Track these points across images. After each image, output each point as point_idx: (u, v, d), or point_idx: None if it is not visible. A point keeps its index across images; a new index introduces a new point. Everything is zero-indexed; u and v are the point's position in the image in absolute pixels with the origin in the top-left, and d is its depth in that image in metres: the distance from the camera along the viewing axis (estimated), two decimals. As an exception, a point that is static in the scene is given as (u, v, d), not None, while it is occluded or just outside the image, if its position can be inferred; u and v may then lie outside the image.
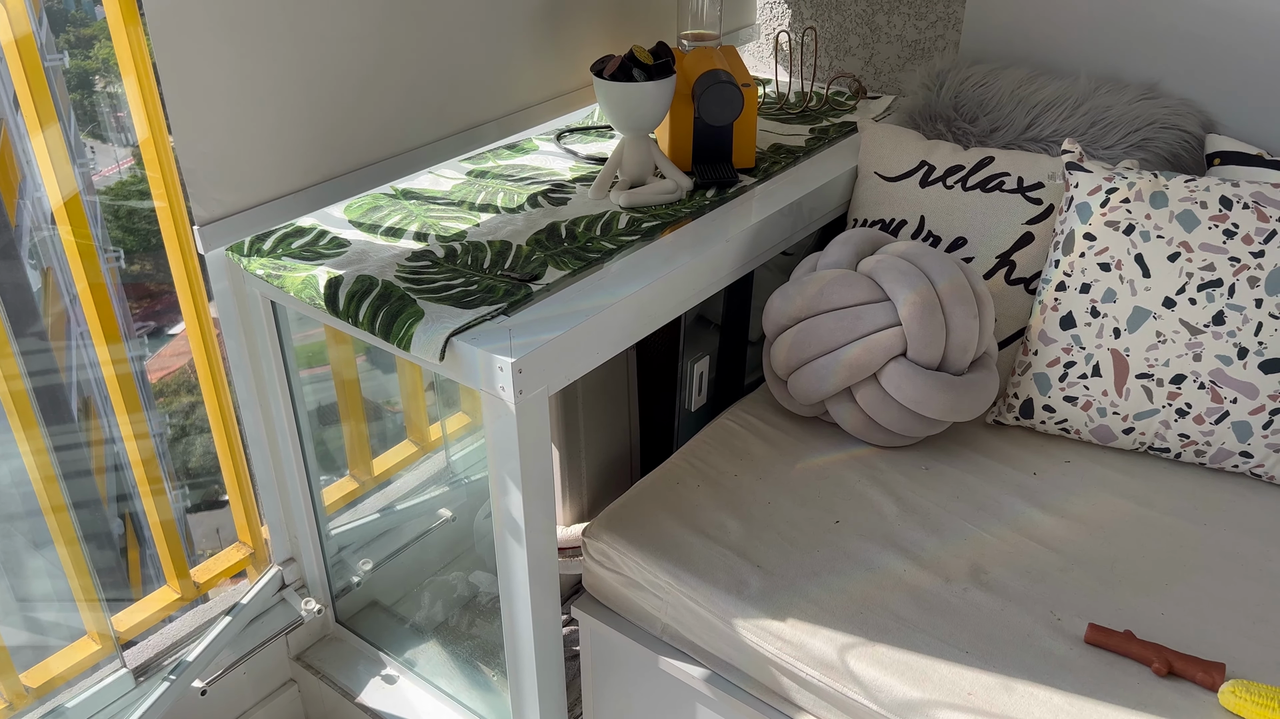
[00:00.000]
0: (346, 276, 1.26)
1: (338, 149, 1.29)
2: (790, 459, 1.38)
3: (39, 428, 1.34)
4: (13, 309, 3.77)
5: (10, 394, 1.29)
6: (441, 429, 1.89)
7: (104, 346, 1.39)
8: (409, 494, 1.84)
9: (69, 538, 1.40)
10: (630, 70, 1.42)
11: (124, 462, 5.75)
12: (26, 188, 6.81)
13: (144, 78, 1.27)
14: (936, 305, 1.30)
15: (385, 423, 1.89)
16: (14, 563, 2.76)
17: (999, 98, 1.62)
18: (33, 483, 1.40)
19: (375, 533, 1.75)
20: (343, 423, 1.74)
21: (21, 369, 1.31)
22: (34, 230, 7.03)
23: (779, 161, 1.61)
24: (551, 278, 1.27)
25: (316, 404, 1.61)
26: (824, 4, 1.92)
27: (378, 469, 1.82)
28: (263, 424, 1.48)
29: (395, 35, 1.30)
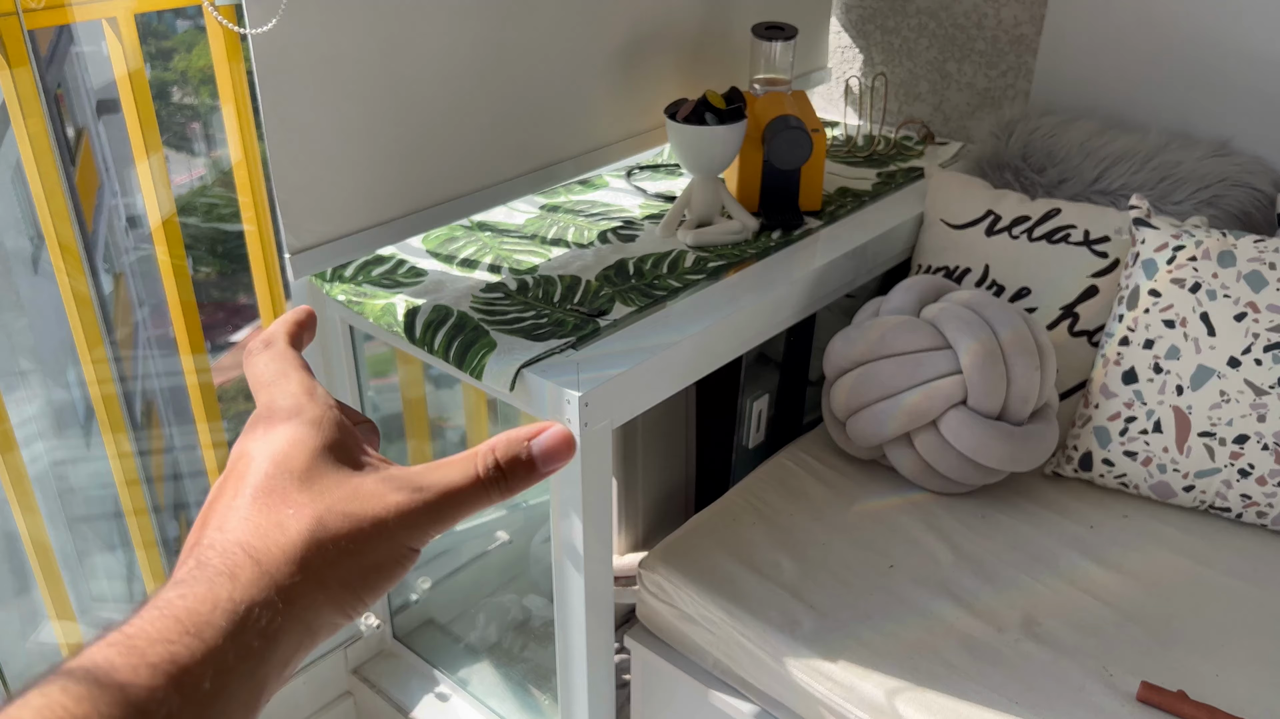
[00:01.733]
0: (424, 306, 1.31)
1: (421, 184, 1.34)
2: (846, 501, 1.40)
3: (126, 432, 1.41)
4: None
5: (102, 398, 1.36)
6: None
7: (189, 356, 1.46)
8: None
9: (148, 541, 1.46)
10: (703, 114, 1.46)
11: (182, 470, 5.89)
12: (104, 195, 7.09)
13: (242, 107, 1.34)
14: (998, 355, 1.32)
15: (446, 442, 1.94)
16: (86, 562, 2.87)
17: (1068, 149, 1.63)
18: (116, 486, 1.46)
19: (434, 552, 1.80)
20: (407, 440, 1.79)
21: (114, 373, 1.39)
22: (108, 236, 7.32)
23: (845, 205, 1.64)
24: (619, 313, 1.31)
25: (380, 418, 1.66)
26: (896, 50, 1.95)
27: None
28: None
29: (481, 75, 1.36)
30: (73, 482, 2.80)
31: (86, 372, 1.36)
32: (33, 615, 2.06)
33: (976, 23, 1.83)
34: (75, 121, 5.69)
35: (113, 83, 4.73)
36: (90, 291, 1.35)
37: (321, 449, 0.37)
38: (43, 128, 1.20)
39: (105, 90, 5.35)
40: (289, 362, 0.42)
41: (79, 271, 1.31)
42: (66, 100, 5.52)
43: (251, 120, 1.34)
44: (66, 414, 3.67)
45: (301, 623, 0.35)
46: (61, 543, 1.99)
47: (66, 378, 3.80)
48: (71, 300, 1.32)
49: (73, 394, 3.74)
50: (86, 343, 1.34)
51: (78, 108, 5.57)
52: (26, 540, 1.38)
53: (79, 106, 5.56)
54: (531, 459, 0.39)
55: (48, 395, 2.87)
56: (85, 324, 1.32)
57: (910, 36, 1.92)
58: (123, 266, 5.66)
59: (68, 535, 2.70)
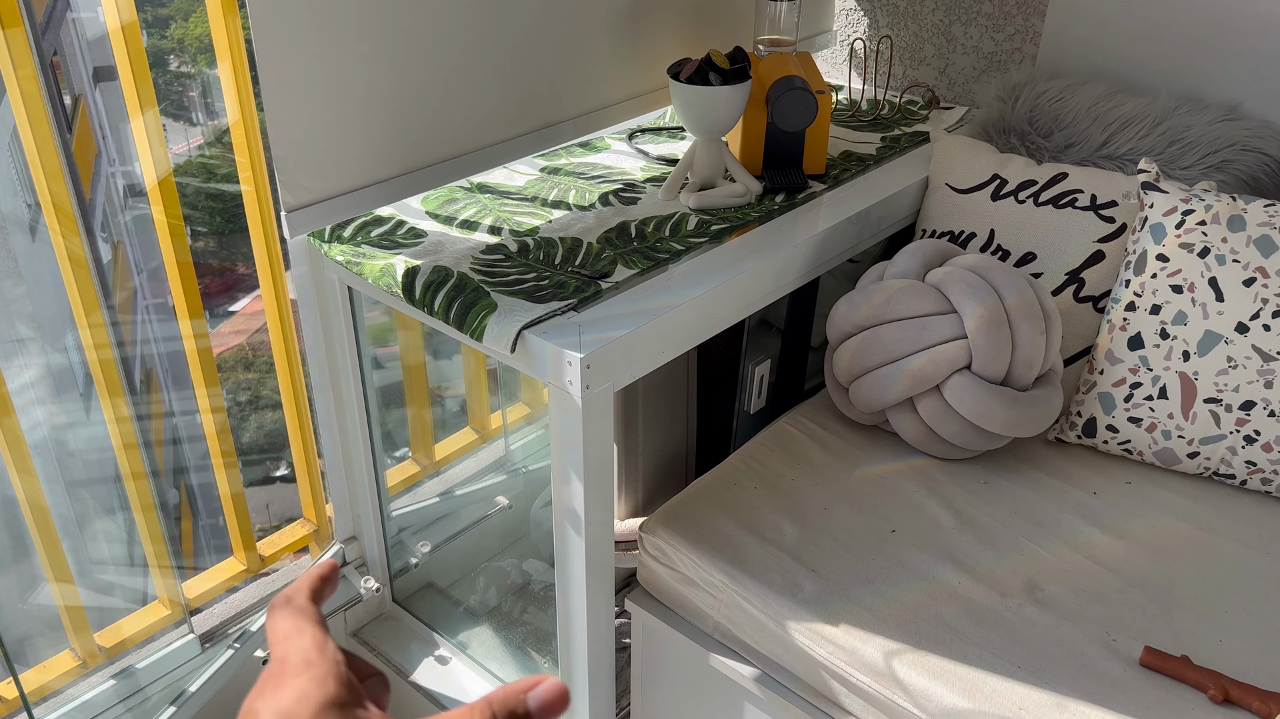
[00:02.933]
0: (423, 266, 1.29)
1: (420, 143, 1.32)
2: (848, 466, 1.39)
3: (124, 396, 1.40)
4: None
5: (99, 363, 1.35)
6: (502, 418, 1.93)
7: (186, 321, 1.44)
8: (468, 480, 1.88)
9: (145, 504, 1.46)
10: (706, 74, 1.44)
11: (181, 436, 5.88)
12: (101, 163, 7.03)
13: (239, 65, 1.32)
14: (1004, 320, 1.30)
15: (446, 408, 1.93)
16: (85, 527, 2.87)
17: (1075, 113, 1.61)
18: (115, 450, 1.45)
19: (434, 516, 1.79)
20: (407, 407, 1.78)
21: (111, 339, 1.37)
22: (105, 204, 7.25)
23: (849, 169, 1.62)
24: (620, 276, 1.29)
25: (381, 385, 1.65)
26: (901, 13, 1.92)
27: (439, 454, 1.86)
28: (333, 405, 1.53)
29: (480, 33, 1.33)
30: (71, 446, 2.80)
31: (84, 336, 1.34)
32: (31, 579, 2.05)
33: (984, -16, 1.80)
34: (72, 88, 5.66)
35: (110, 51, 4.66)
36: (87, 255, 1.33)
37: (324, 705, 0.39)
38: (36, 89, 1.18)
39: (103, 58, 5.31)
40: (306, 617, 0.44)
41: (74, 234, 1.29)
42: (63, 67, 5.47)
43: (249, 80, 1.31)
44: (65, 379, 3.66)
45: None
46: (60, 507, 1.97)
47: (65, 343, 3.78)
48: (68, 264, 1.30)
49: (71, 359, 3.73)
50: (83, 307, 1.33)
51: (74, 74, 5.52)
52: (24, 504, 1.37)
53: (75, 73, 5.51)
54: (528, 714, 0.39)
55: (46, 361, 2.86)
56: (82, 288, 1.30)
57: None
58: (121, 234, 5.63)
59: (66, 499, 2.71)
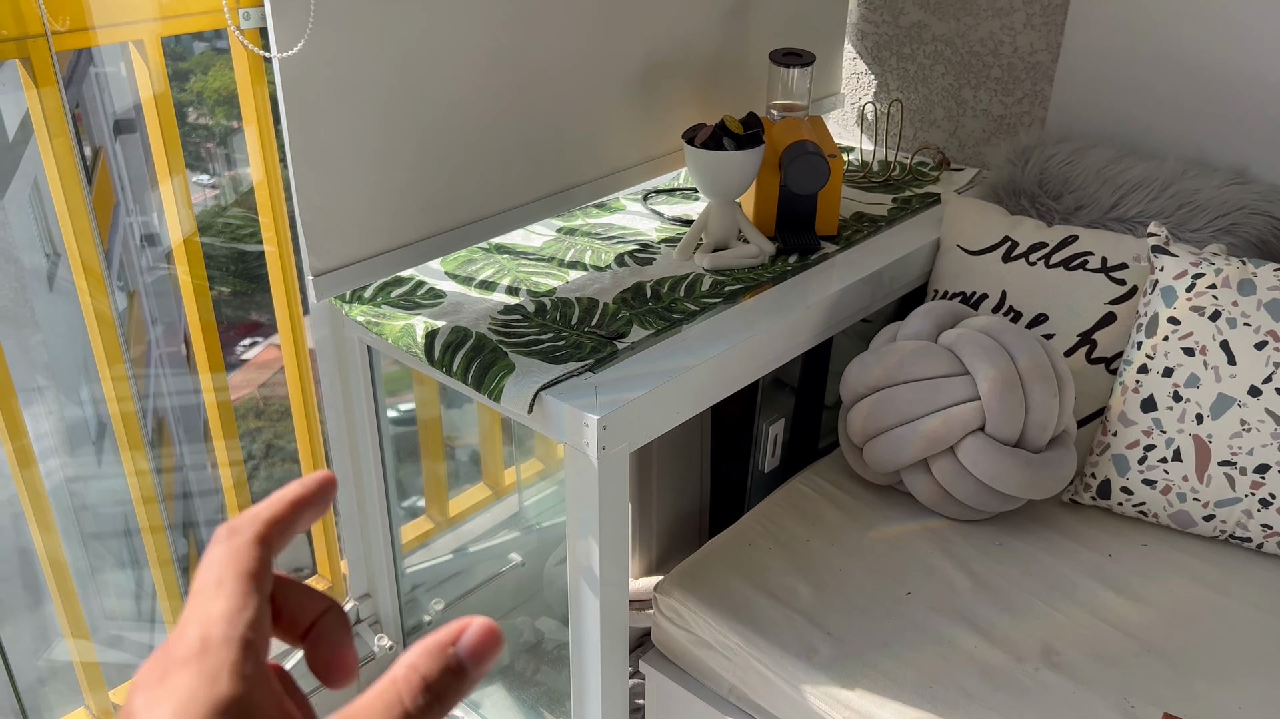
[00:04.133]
0: (443, 327, 1.31)
1: (441, 207, 1.35)
2: (863, 527, 1.39)
3: (144, 449, 1.41)
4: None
5: (121, 415, 1.37)
6: (515, 474, 1.94)
7: (207, 375, 1.46)
8: (481, 536, 1.88)
9: (164, 559, 1.46)
10: (721, 139, 1.47)
11: (192, 490, 5.85)
12: (119, 213, 7.13)
13: (264, 129, 1.35)
14: (1016, 382, 1.31)
15: (460, 463, 1.94)
16: (99, 580, 2.88)
17: (1084, 176, 1.63)
18: (133, 503, 1.46)
19: (448, 573, 1.79)
20: (422, 462, 1.79)
21: (133, 390, 1.39)
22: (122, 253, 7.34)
23: (861, 230, 1.64)
24: (636, 336, 1.31)
25: (395, 438, 1.66)
26: (911, 77, 1.96)
27: (453, 510, 1.87)
28: (350, 463, 1.54)
29: (500, 100, 1.37)
30: (86, 499, 2.81)
31: (106, 389, 1.36)
32: (43, 630, 2.06)
33: (993, 50, 1.84)
34: (93, 140, 5.72)
35: (130, 104, 4.78)
36: (111, 310, 1.36)
37: (214, 713, 0.31)
38: (68, 147, 1.21)
39: (123, 111, 5.37)
40: (237, 567, 0.34)
41: (101, 292, 1.32)
42: (85, 120, 5.53)
43: (274, 141, 1.35)
44: (79, 431, 3.68)
45: None
46: (76, 560, 1.97)
47: (80, 395, 3.80)
48: (94, 321, 1.32)
49: (85, 412, 3.74)
50: (106, 360, 1.35)
51: (95, 127, 5.59)
52: (43, 558, 1.38)
53: (97, 126, 5.58)
54: (462, 665, 0.33)
55: (61, 412, 2.88)
56: (107, 344, 1.33)
57: (926, 63, 1.93)
58: (137, 284, 5.67)
59: (81, 552, 2.71)
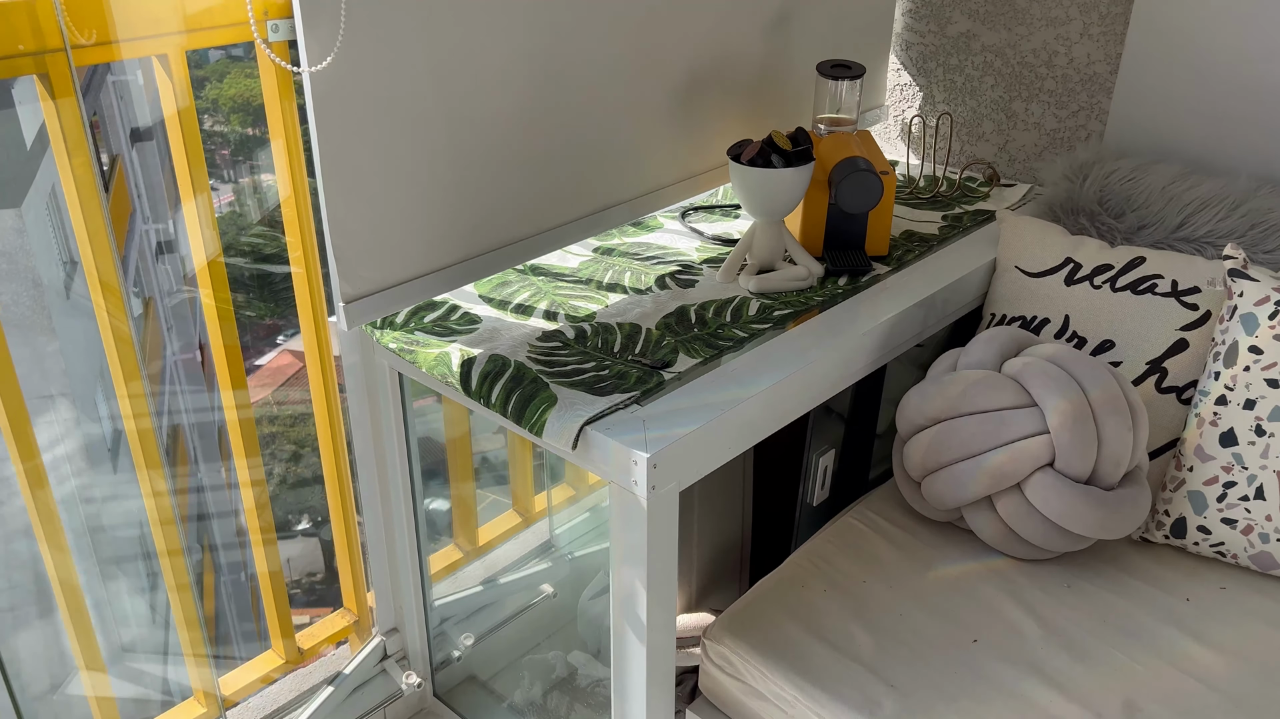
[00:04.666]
0: (479, 356, 1.24)
1: (477, 230, 1.28)
2: (921, 567, 1.32)
3: (163, 469, 1.35)
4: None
5: (138, 432, 1.30)
6: (547, 501, 1.87)
7: (229, 392, 1.39)
8: (511, 567, 1.81)
9: (181, 584, 1.39)
10: (769, 156, 1.40)
11: (209, 512, 5.71)
12: (136, 220, 7.09)
13: (293, 146, 1.29)
14: (1088, 415, 1.23)
15: (489, 490, 1.87)
16: (116, 608, 2.81)
17: (1148, 194, 1.55)
18: (150, 525, 1.39)
19: (476, 606, 1.72)
20: (451, 489, 1.72)
21: (151, 408, 1.32)
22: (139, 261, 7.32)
23: (912, 249, 1.56)
24: (683, 365, 1.24)
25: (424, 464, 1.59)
26: (959, 89, 1.88)
27: (481, 539, 1.80)
28: (378, 491, 1.47)
29: (537, 118, 1.30)
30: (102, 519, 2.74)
31: (123, 406, 1.30)
32: (61, 659, 1.99)
33: (1046, 61, 1.76)
34: (110, 149, 5.72)
35: (149, 112, 4.74)
36: (130, 328, 1.29)
37: None
38: (87, 164, 1.15)
39: (140, 120, 5.34)
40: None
41: (120, 310, 1.25)
42: (102, 128, 5.52)
43: (302, 158, 1.28)
44: (95, 444, 3.61)
45: None
46: (93, 588, 1.90)
47: (96, 406, 3.74)
48: (110, 338, 1.26)
49: (103, 427, 3.68)
50: (124, 378, 1.28)
51: (113, 136, 5.58)
52: (56, 586, 1.32)
53: (114, 135, 5.57)
54: None
55: (77, 422, 2.79)
56: (123, 359, 1.26)
57: (974, 75, 1.86)
58: (153, 291, 5.62)
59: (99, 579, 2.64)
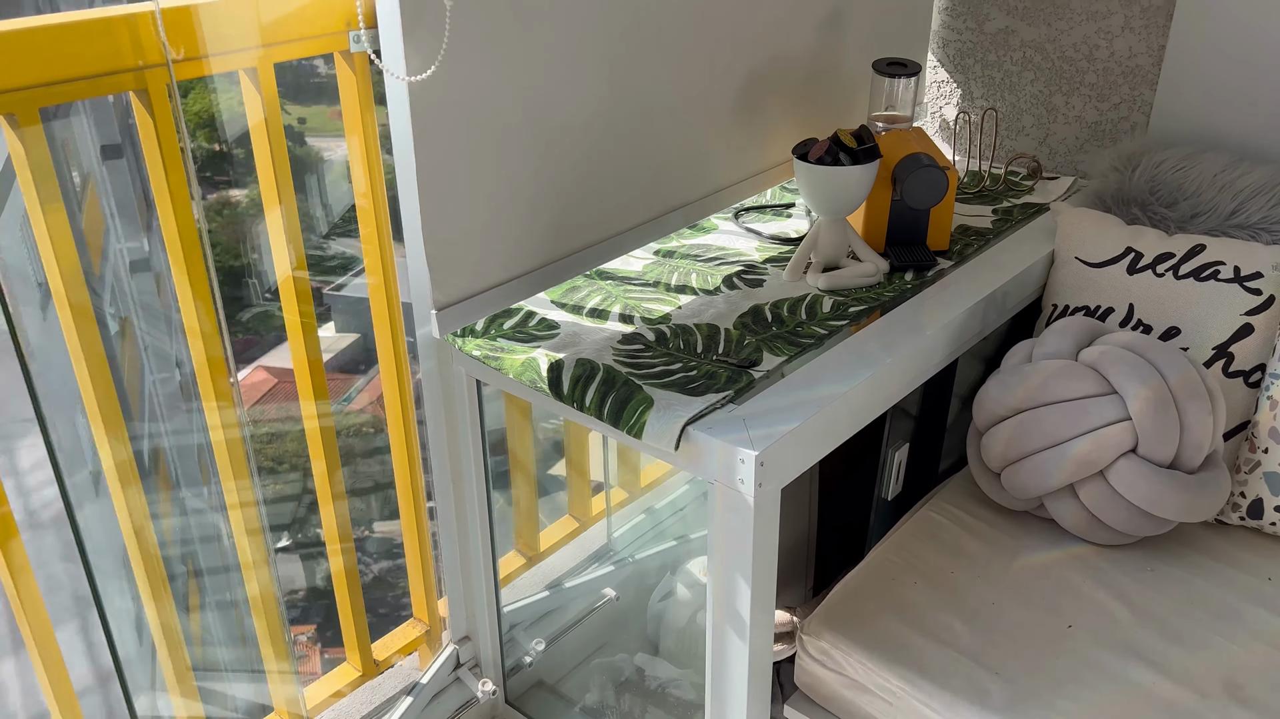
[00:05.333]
0: (566, 360, 1.25)
1: (557, 235, 1.29)
2: (1006, 556, 1.33)
3: (251, 478, 1.33)
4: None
5: (226, 443, 1.29)
6: (605, 502, 1.87)
7: (310, 402, 1.37)
8: (571, 571, 1.82)
9: (268, 596, 1.38)
10: (836, 154, 1.41)
11: (263, 524, 5.55)
12: (109, 239, 6.96)
13: (372, 157, 1.29)
14: (1169, 400, 1.25)
15: (550, 497, 1.87)
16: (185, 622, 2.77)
17: (1199, 183, 1.58)
18: (235, 536, 1.37)
19: (542, 611, 1.72)
20: (513, 495, 1.72)
21: (241, 418, 1.30)
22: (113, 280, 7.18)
23: (971, 244, 1.58)
24: (769, 364, 1.25)
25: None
26: (997, 84, 1.90)
27: (541, 545, 1.80)
28: (453, 499, 1.47)
29: (611, 124, 1.31)
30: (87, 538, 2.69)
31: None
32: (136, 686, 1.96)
33: (1087, 55, 1.79)
34: (81, 167, 5.68)
35: (115, 130, 4.72)
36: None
37: None
38: (183, 180, 1.14)
39: (109, 136, 5.33)
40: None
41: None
42: (72, 145, 5.48)
43: (380, 170, 1.28)
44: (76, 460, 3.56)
45: None
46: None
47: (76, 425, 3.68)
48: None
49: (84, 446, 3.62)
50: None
51: (84, 154, 5.53)
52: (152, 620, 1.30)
53: (85, 152, 5.52)
54: None
55: (58, 441, 2.74)
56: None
57: (1013, 70, 1.88)
58: (129, 309, 5.56)
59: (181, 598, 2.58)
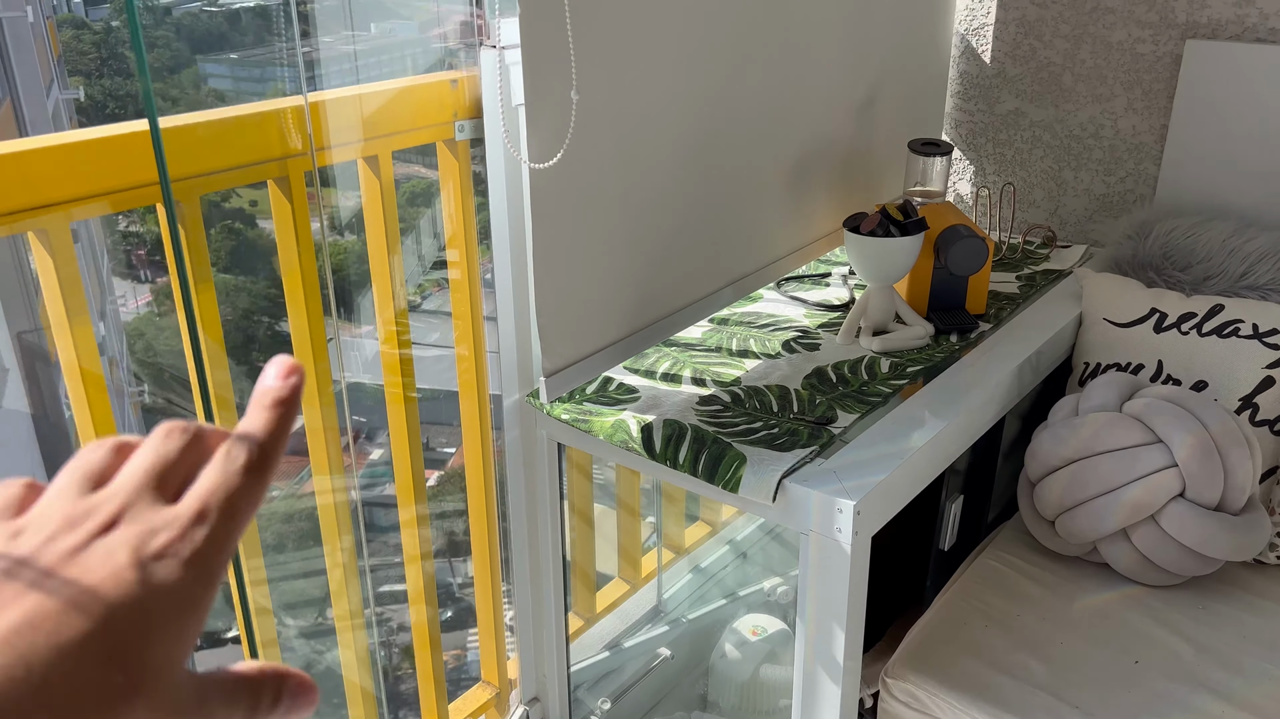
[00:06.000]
0: (655, 422, 1.32)
1: (643, 304, 1.38)
2: (1065, 599, 1.41)
3: (354, 534, 1.36)
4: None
5: (334, 506, 1.34)
6: (657, 560, 1.93)
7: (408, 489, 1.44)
8: (626, 632, 1.86)
9: (361, 658, 1.42)
10: (887, 227, 1.52)
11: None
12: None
13: (469, 238, 1.37)
14: (1212, 447, 1.35)
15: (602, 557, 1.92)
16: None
17: (1209, 248, 1.71)
18: (331, 584, 1.40)
19: (602, 672, 1.77)
20: (573, 559, 1.77)
21: (352, 480, 1.36)
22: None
23: (1004, 308, 1.69)
24: (845, 421, 1.33)
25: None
26: (1009, 161, 2.04)
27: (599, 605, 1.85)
28: (529, 562, 1.53)
29: (689, 201, 1.41)
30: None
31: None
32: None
33: (1093, 134, 1.93)
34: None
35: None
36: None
37: (61, 653, 0.26)
38: (313, 260, 1.22)
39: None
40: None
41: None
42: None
43: (476, 246, 1.37)
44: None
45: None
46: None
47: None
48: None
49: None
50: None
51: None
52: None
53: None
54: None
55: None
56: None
57: (1024, 148, 2.02)
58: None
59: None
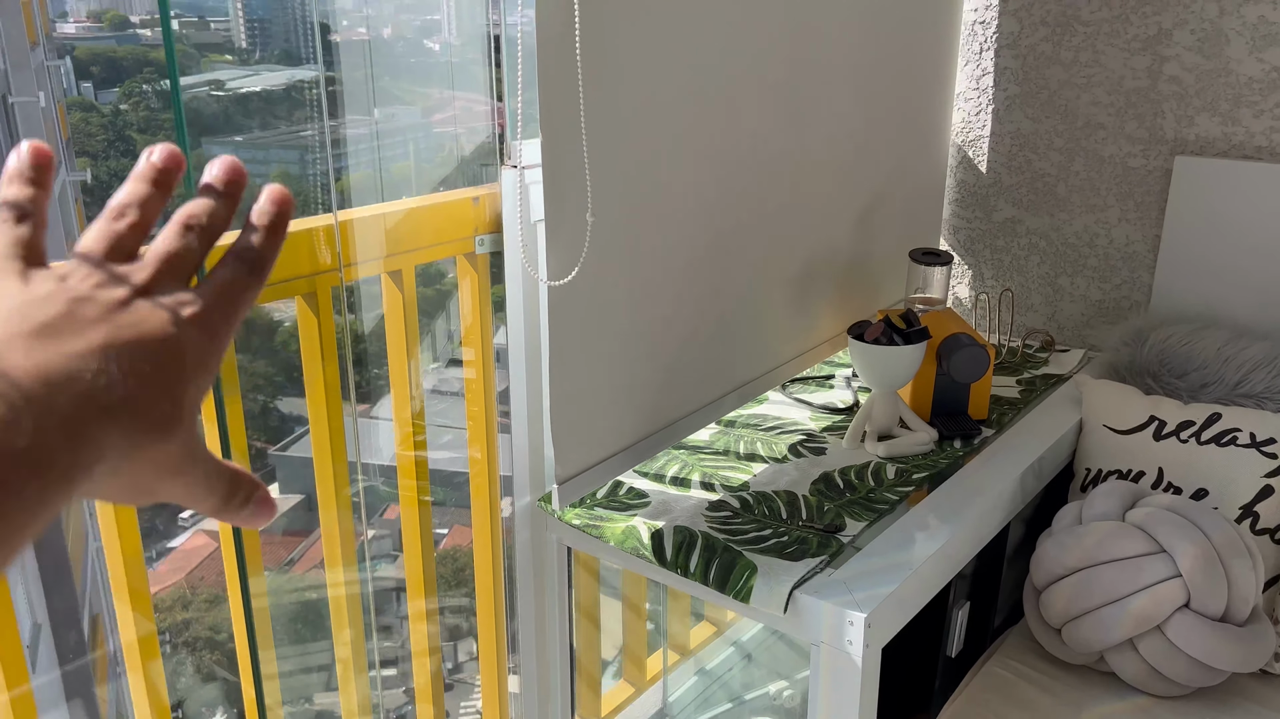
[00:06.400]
0: (665, 528, 1.34)
1: (652, 411, 1.41)
2: (1074, 708, 1.41)
3: (364, 624, 1.38)
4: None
5: (345, 598, 1.35)
6: (662, 661, 1.92)
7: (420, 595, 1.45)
8: (631, 736, 1.85)
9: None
10: (891, 335, 1.56)
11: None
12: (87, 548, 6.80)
13: (486, 347, 1.41)
14: (1215, 558, 1.37)
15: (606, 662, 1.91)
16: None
17: (1204, 356, 1.75)
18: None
19: (607, 778, 1.75)
20: (579, 664, 1.77)
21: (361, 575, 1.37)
22: (92, 596, 6.99)
23: (1005, 412, 1.73)
24: (853, 529, 1.35)
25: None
26: (1006, 267, 2.10)
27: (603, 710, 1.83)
28: (536, 668, 1.53)
29: (700, 308, 1.45)
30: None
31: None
32: None
33: (1088, 242, 1.99)
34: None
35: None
36: None
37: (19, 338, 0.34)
38: (335, 371, 1.25)
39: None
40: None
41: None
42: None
43: (492, 356, 1.40)
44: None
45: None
46: None
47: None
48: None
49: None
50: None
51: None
52: None
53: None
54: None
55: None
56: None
57: (1020, 254, 2.08)
58: (99, 606, 5.36)
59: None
